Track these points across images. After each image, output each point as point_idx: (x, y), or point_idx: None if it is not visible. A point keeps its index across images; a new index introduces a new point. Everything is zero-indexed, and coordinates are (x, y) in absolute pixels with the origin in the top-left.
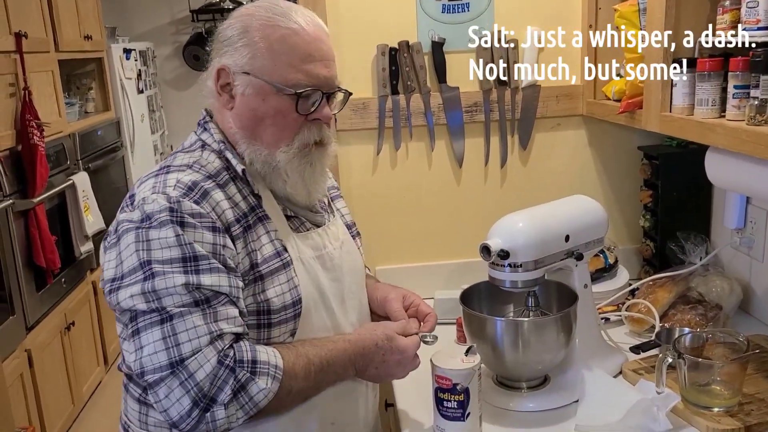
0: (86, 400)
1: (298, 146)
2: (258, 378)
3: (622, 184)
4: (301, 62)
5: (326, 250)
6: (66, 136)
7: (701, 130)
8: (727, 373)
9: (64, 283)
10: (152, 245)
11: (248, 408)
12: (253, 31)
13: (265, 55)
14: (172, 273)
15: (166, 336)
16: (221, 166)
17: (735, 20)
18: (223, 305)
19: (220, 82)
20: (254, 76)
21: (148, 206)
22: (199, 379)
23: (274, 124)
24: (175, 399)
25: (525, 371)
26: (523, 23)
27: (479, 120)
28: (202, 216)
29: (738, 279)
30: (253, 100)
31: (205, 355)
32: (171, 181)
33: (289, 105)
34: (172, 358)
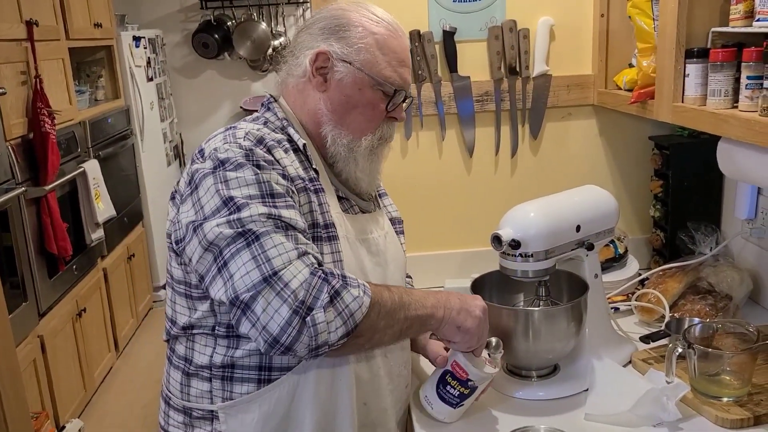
0: (98, 385)
1: (378, 138)
2: (351, 287)
3: (633, 174)
4: (398, 64)
5: (372, 235)
6: (77, 123)
7: (714, 121)
8: (737, 363)
9: (76, 270)
10: (231, 184)
11: (345, 315)
12: (360, 27)
13: (370, 51)
14: (255, 204)
15: (256, 255)
16: (283, 137)
17: (749, 10)
18: (303, 235)
19: (317, 64)
20: (356, 67)
21: (222, 154)
22: (295, 287)
23: (363, 113)
24: (273, 311)
25: (535, 360)
26: (535, 12)
27: (490, 109)
28: (273, 163)
29: (748, 269)
30: (350, 88)
31: (297, 267)
32: (240, 132)
33: (381, 100)
34: (265, 273)
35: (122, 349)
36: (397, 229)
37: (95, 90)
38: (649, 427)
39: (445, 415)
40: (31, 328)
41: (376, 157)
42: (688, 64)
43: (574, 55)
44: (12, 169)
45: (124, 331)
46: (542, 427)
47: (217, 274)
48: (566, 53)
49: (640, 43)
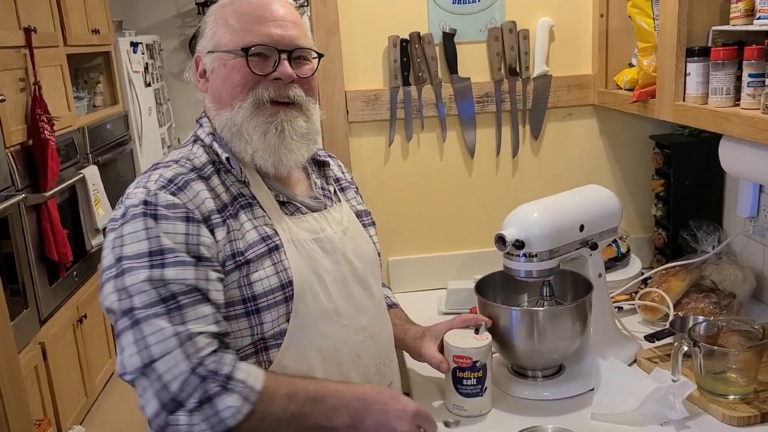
0: (99, 391)
1: (252, 102)
2: (228, 395)
3: (634, 173)
4: (252, 24)
5: (324, 233)
6: (75, 130)
7: (716, 119)
8: (743, 360)
9: (76, 276)
10: (125, 240)
11: (213, 422)
12: (215, 14)
13: (222, 30)
14: (139, 268)
15: (138, 339)
16: (207, 159)
17: (749, 8)
18: (191, 302)
19: (199, 71)
20: (215, 51)
21: (128, 200)
22: (166, 381)
23: (230, 82)
24: (148, 398)
25: (540, 360)
26: (534, 13)
27: (491, 110)
28: (177, 206)
29: (751, 267)
30: (218, 71)
31: (174, 358)
32: (154, 176)
33: (242, 64)
34: (144, 360)
35: None
36: (365, 221)
37: (93, 96)
38: (656, 426)
39: (480, 406)
40: (32, 335)
41: (275, 129)
42: (688, 63)
43: (573, 56)
44: (12, 176)
45: None
46: (549, 427)
47: (116, 338)
48: (566, 54)
49: (641, 42)
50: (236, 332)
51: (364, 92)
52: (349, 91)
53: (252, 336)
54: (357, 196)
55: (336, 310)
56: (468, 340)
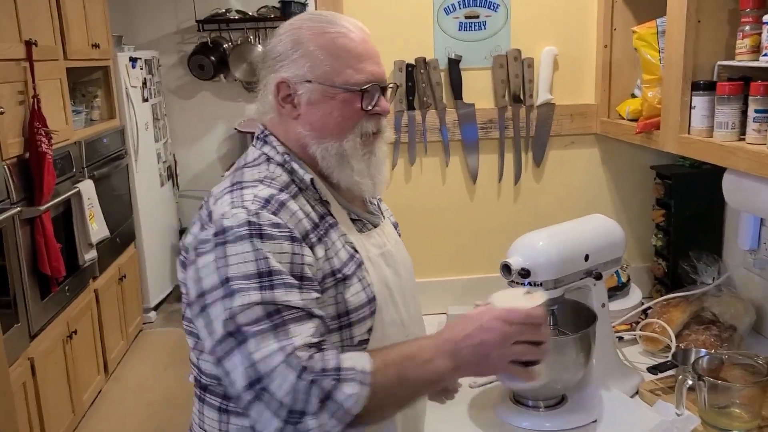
0: (86, 409)
1: (359, 134)
2: (344, 385)
3: (634, 203)
4: (357, 62)
5: (386, 248)
6: (72, 143)
7: (722, 153)
8: (747, 396)
9: (68, 291)
10: (230, 261)
11: (340, 415)
12: (306, 42)
13: (324, 62)
14: (248, 290)
15: (245, 359)
16: (288, 179)
17: (755, 45)
18: (296, 320)
19: (281, 95)
20: (317, 82)
21: (227, 221)
22: (281, 397)
23: (340, 115)
24: (266, 420)
25: (543, 390)
26: (539, 42)
27: (494, 137)
28: (280, 226)
29: (751, 300)
30: (320, 103)
31: (281, 373)
32: (248, 196)
33: (353, 100)
34: (252, 380)
35: (111, 371)
36: (398, 232)
37: (91, 110)
38: None
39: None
40: (21, 350)
41: (371, 155)
42: (694, 96)
43: (577, 85)
44: (7, 189)
45: (114, 354)
46: None
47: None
48: (569, 82)
49: (646, 74)
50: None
51: None
52: None
53: (341, 349)
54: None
55: (402, 320)
56: (519, 301)
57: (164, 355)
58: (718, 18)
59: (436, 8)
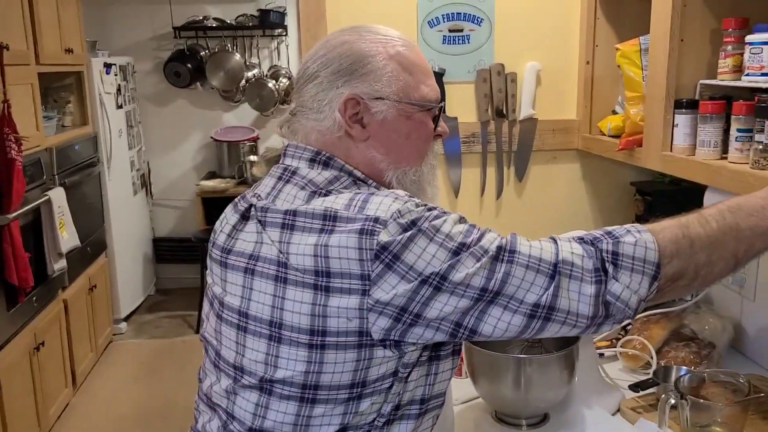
0: (53, 423)
1: (432, 157)
2: (624, 237)
3: (615, 219)
4: (426, 77)
5: None
6: (43, 150)
7: (706, 171)
8: (729, 415)
9: (36, 302)
10: (445, 230)
11: (636, 267)
12: (376, 55)
13: (398, 77)
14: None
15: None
16: None
17: (737, 64)
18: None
19: (348, 113)
20: (393, 100)
21: (409, 215)
22: (583, 264)
23: (418, 138)
24: (579, 295)
25: (526, 409)
26: (522, 57)
27: (476, 151)
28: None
29: (729, 317)
30: (396, 122)
31: (568, 246)
32: (401, 193)
33: (428, 119)
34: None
35: (80, 384)
36: None
37: (63, 116)
38: None
39: None
40: None
41: (434, 179)
42: (677, 115)
43: (559, 100)
44: None
45: (83, 366)
46: None
47: (488, 305)
48: (552, 98)
49: (629, 91)
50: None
51: None
52: None
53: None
54: None
55: None
56: None
57: (135, 368)
58: (701, 37)
59: (420, 21)
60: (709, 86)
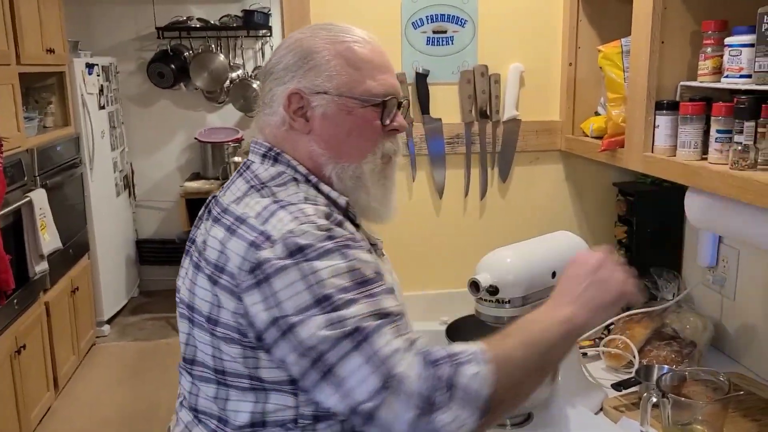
0: (35, 427)
1: (381, 156)
2: (464, 366)
3: (597, 219)
4: (376, 72)
5: (393, 274)
6: (24, 151)
7: (686, 172)
8: (710, 413)
9: (16, 305)
10: (322, 275)
11: (471, 399)
12: (321, 51)
13: (341, 71)
14: (355, 299)
15: (370, 356)
16: (325, 200)
17: (717, 66)
18: (400, 318)
19: (293, 107)
20: (334, 94)
21: (301, 238)
22: (414, 387)
23: (360, 135)
24: (398, 415)
25: None
26: (506, 58)
27: (460, 152)
28: (355, 239)
29: (709, 316)
30: (337, 117)
31: (409, 362)
32: (309, 210)
33: (373, 116)
34: (384, 377)
35: (62, 387)
36: None
37: (44, 116)
38: None
39: None
40: None
41: (386, 180)
42: (658, 116)
43: (542, 101)
44: None
45: (65, 369)
46: None
47: (320, 380)
48: (535, 99)
49: (611, 93)
50: None
51: None
52: None
53: None
54: None
55: None
56: None
57: (118, 370)
58: (681, 40)
59: (404, 22)
60: (690, 88)
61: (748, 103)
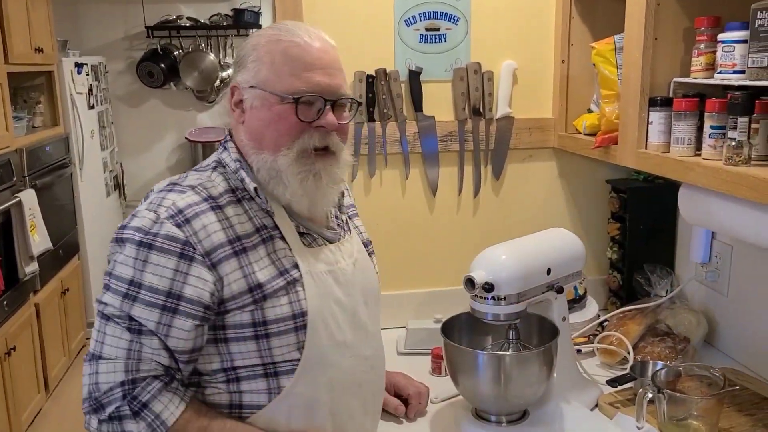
0: (25, 429)
1: (297, 151)
2: (136, 421)
3: (590, 216)
4: (301, 71)
5: (339, 266)
6: (13, 151)
7: (680, 168)
8: (705, 408)
9: (6, 306)
10: (119, 258)
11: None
12: (260, 48)
13: (269, 68)
14: (117, 292)
15: (100, 331)
16: (226, 187)
17: (710, 63)
18: (149, 343)
19: (234, 99)
20: (260, 88)
21: (134, 220)
22: (101, 381)
23: (276, 129)
24: (84, 383)
25: (506, 405)
26: (499, 56)
27: (454, 149)
28: (176, 240)
29: (703, 312)
30: (260, 110)
31: (116, 365)
32: (167, 201)
33: (290, 111)
34: (94, 352)
35: (53, 389)
36: (370, 251)
37: (33, 116)
38: None
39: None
40: None
41: (313, 176)
42: (651, 112)
43: (535, 99)
44: None
45: (55, 371)
46: None
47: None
48: (528, 96)
49: (604, 89)
50: (243, 353)
51: None
52: None
53: (261, 359)
54: (362, 225)
55: (346, 341)
56: None
57: None
58: (674, 36)
59: (397, 20)
60: (683, 84)
61: (741, 99)
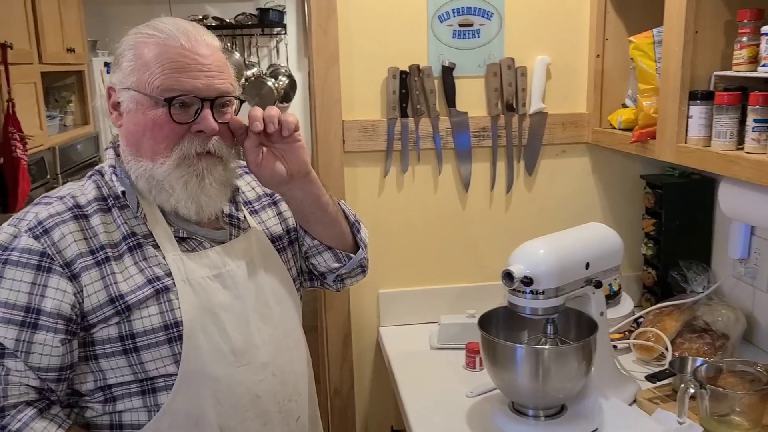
0: None
1: (177, 158)
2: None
3: (624, 212)
4: (174, 71)
5: (227, 268)
6: (46, 149)
7: (723, 162)
8: (748, 404)
9: None
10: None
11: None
12: (134, 48)
13: (141, 69)
14: None
15: None
16: (96, 195)
17: (753, 56)
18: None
19: (111, 101)
20: (134, 90)
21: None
22: None
23: (152, 136)
24: None
25: (544, 400)
26: (532, 51)
27: (486, 145)
28: (32, 252)
29: (741, 308)
30: (135, 113)
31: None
32: (30, 215)
33: (164, 115)
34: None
35: None
36: (281, 245)
37: (64, 115)
38: None
39: None
40: None
41: (197, 177)
42: (691, 106)
43: (569, 94)
44: None
45: None
46: None
47: None
48: (562, 92)
49: (642, 84)
50: (114, 369)
51: (362, 122)
52: (346, 121)
53: (134, 375)
54: (274, 216)
55: (233, 349)
56: None
57: None
58: (715, 29)
59: (431, 16)
60: (724, 77)
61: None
